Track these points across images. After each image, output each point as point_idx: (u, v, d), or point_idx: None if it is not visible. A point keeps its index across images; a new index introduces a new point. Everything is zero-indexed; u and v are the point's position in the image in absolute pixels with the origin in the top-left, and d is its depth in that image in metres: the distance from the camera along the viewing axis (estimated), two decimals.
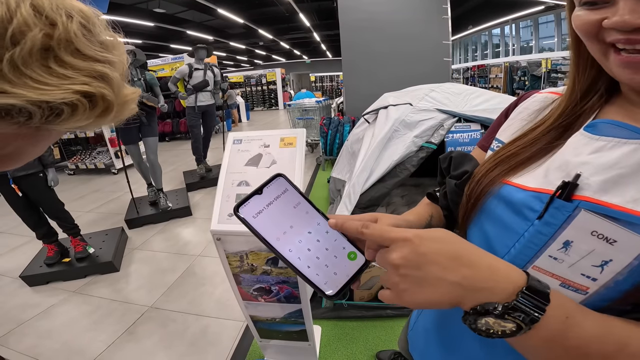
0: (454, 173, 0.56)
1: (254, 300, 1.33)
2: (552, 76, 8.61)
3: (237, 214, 0.41)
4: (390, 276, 0.36)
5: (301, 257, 0.42)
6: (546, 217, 0.38)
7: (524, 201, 0.42)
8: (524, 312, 0.32)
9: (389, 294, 0.37)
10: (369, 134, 2.18)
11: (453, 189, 0.54)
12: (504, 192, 0.45)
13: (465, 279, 0.34)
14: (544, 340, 0.33)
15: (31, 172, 2.40)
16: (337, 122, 4.77)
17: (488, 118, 1.90)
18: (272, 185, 0.43)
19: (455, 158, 0.58)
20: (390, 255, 0.36)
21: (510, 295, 0.33)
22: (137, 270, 2.78)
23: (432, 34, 4.49)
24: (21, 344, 2.01)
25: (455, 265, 0.34)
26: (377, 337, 1.87)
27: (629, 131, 0.37)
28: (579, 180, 0.37)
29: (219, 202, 1.09)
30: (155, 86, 3.62)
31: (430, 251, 0.35)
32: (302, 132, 1.11)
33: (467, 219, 0.52)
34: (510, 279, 0.34)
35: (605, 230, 0.34)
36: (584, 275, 0.36)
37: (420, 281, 0.35)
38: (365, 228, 0.39)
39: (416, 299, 0.35)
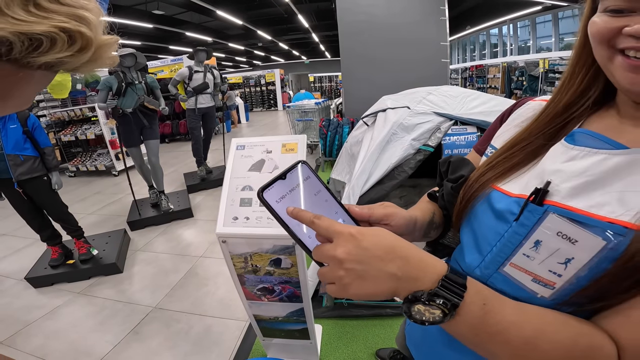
0: (451, 177, 0.60)
1: (258, 299, 1.38)
2: (549, 76, 8.64)
3: (262, 197, 0.41)
4: (334, 270, 0.39)
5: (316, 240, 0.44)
6: (521, 219, 0.43)
7: (506, 207, 0.47)
8: (445, 297, 0.36)
9: (334, 288, 0.39)
10: (367, 136, 2.22)
11: (449, 192, 0.59)
12: (492, 197, 0.50)
13: (400, 270, 0.37)
14: (468, 326, 0.37)
15: (35, 176, 2.44)
16: (336, 124, 4.81)
17: (484, 121, 1.94)
18: (295, 171, 0.44)
19: (454, 162, 0.62)
20: (335, 250, 0.39)
21: (434, 284, 0.37)
22: (141, 271, 2.82)
23: (430, 35, 4.51)
24: (28, 344, 2.05)
25: (392, 257, 0.38)
26: (377, 336, 1.91)
27: (601, 142, 0.42)
28: (549, 187, 0.42)
29: (224, 206, 1.13)
30: (156, 89, 3.66)
31: (371, 245, 0.38)
32: (303, 138, 1.15)
33: (460, 218, 0.57)
34: (436, 270, 0.38)
35: (569, 231, 0.39)
36: (551, 271, 0.40)
37: (363, 274, 0.38)
38: (316, 219, 0.41)
39: (359, 291, 0.38)
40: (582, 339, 0.37)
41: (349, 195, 1.90)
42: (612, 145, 0.41)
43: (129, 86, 3.37)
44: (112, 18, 3.09)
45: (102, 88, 3.37)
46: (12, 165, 2.33)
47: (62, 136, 6.12)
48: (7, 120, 2.34)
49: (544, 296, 0.42)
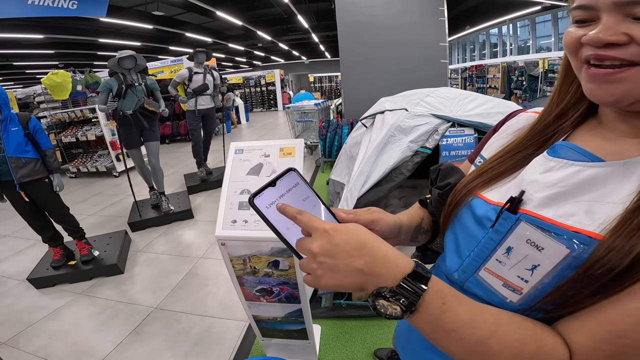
0: (439, 184, 0.63)
1: (257, 300, 1.40)
2: (549, 76, 8.63)
3: (253, 203, 0.44)
4: (310, 263, 0.42)
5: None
6: (496, 226, 0.46)
7: (485, 213, 0.49)
8: (404, 296, 0.38)
9: (309, 279, 0.43)
10: (366, 138, 2.24)
11: (436, 198, 0.61)
12: (474, 204, 0.52)
13: (366, 266, 0.40)
14: (426, 323, 0.39)
15: (37, 178, 2.46)
16: (335, 125, 4.82)
17: (481, 123, 1.96)
18: (284, 178, 0.47)
19: (443, 170, 0.64)
20: (311, 244, 0.42)
21: (396, 281, 0.39)
22: (142, 272, 2.84)
23: (429, 36, 4.52)
24: (31, 345, 2.07)
25: (360, 253, 0.40)
26: (375, 336, 1.92)
27: (578, 154, 0.44)
28: (524, 196, 0.44)
29: (223, 209, 1.16)
30: (156, 91, 3.67)
31: (342, 241, 0.41)
32: (300, 142, 1.18)
33: (446, 224, 0.59)
34: (399, 267, 0.40)
35: (537, 239, 0.41)
36: (519, 277, 0.42)
37: (333, 268, 0.41)
38: (298, 214, 0.44)
39: (330, 283, 0.41)
40: (533, 341, 0.38)
41: (347, 198, 1.92)
42: (588, 157, 0.43)
43: (129, 88, 3.39)
44: (111, 19, 3.11)
45: (102, 90, 3.39)
46: (14, 168, 2.35)
47: (63, 137, 6.14)
48: (8, 123, 2.36)
49: (512, 301, 0.43)
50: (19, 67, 15.01)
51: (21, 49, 11.41)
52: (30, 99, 7.60)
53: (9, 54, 12.12)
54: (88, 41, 11.38)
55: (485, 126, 1.97)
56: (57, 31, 9.83)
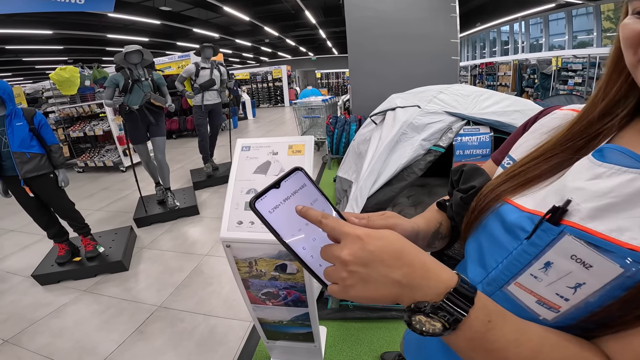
0: (461, 187, 0.57)
1: (262, 303, 1.35)
2: (562, 74, 8.47)
3: (254, 207, 0.40)
4: (338, 271, 0.38)
5: (314, 256, 0.42)
6: (533, 238, 0.40)
7: (518, 221, 0.43)
8: (448, 312, 0.34)
9: (336, 289, 0.38)
10: (376, 136, 2.17)
11: (458, 202, 0.55)
12: (503, 211, 0.46)
13: (404, 277, 0.35)
14: (467, 340, 0.35)
15: (42, 173, 2.44)
16: (343, 121, 4.76)
17: (497, 121, 1.88)
18: (290, 179, 0.42)
19: (466, 172, 0.59)
20: (341, 251, 0.37)
21: (439, 296, 0.35)
22: (146, 269, 2.82)
23: (439, 32, 4.43)
24: (34, 343, 2.05)
25: (398, 263, 0.36)
26: (382, 339, 1.87)
27: (632, 160, 0.37)
28: (569, 206, 0.38)
29: (228, 209, 1.10)
30: (163, 86, 3.64)
31: (377, 249, 0.36)
32: (310, 139, 1.11)
33: (468, 231, 0.53)
34: (441, 279, 0.36)
35: (584, 255, 0.36)
36: (558, 295, 0.38)
37: (367, 278, 0.36)
38: (324, 218, 0.39)
39: (361, 294, 0.37)
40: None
41: (356, 197, 1.86)
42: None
43: (135, 83, 3.36)
44: (119, 14, 3.07)
45: (108, 85, 3.37)
46: (19, 163, 2.33)
47: (71, 132, 6.17)
48: (13, 118, 2.33)
49: (546, 318, 0.40)
50: (28, 62, 15.16)
51: (30, 44, 11.50)
52: (38, 94, 7.64)
53: (18, 50, 12.24)
54: (96, 37, 11.44)
55: (502, 125, 1.89)
56: (66, 27, 9.88)
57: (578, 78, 8.25)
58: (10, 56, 13.07)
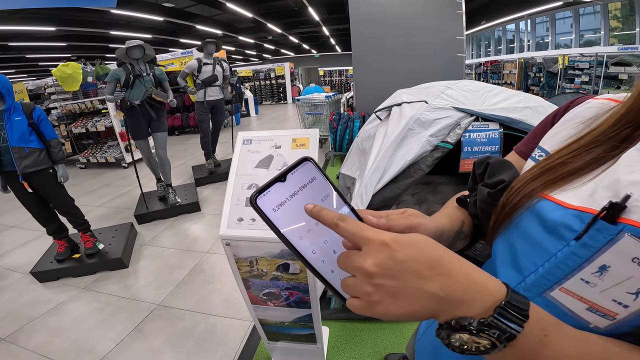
0: (488, 181, 0.51)
1: (263, 304, 1.30)
2: (569, 73, 8.38)
3: (255, 204, 0.34)
4: (361, 284, 0.32)
5: (325, 260, 0.36)
6: (585, 239, 0.35)
7: (562, 220, 0.38)
8: (500, 329, 0.29)
9: (358, 304, 0.33)
10: (381, 131, 2.11)
11: (485, 198, 0.49)
12: (541, 208, 0.41)
13: (442, 289, 0.30)
14: (518, 358, 0.31)
15: (41, 168, 2.40)
16: (346, 118, 4.70)
17: (508, 117, 1.82)
18: (297, 171, 0.36)
19: (493, 165, 0.53)
20: (364, 260, 0.32)
21: (487, 310, 0.30)
22: (146, 266, 2.78)
23: (445, 28, 4.36)
24: (30, 341, 2.02)
25: (433, 274, 0.31)
26: (386, 340, 1.83)
27: None
28: (627, 202, 0.33)
29: (228, 205, 1.05)
30: (164, 81, 3.60)
31: (409, 258, 0.31)
32: (315, 132, 1.06)
33: (496, 230, 0.48)
34: (489, 291, 0.31)
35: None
36: (616, 301, 0.33)
37: (396, 292, 0.31)
38: (341, 221, 0.33)
39: (390, 311, 0.32)
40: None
41: (361, 194, 1.81)
42: None
43: (137, 78, 3.32)
44: (122, 11, 3.02)
45: (110, 80, 3.33)
46: (17, 158, 2.29)
47: (73, 128, 6.16)
48: (12, 113, 2.29)
49: (598, 326, 0.36)
50: (32, 59, 15.19)
51: (34, 41, 11.51)
52: (41, 91, 7.63)
53: (22, 47, 12.26)
54: (100, 34, 11.44)
55: (513, 121, 1.82)
56: (69, 24, 9.88)
57: (585, 77, 8.15)
58: (13, 53, 13.11)
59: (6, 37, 10.51)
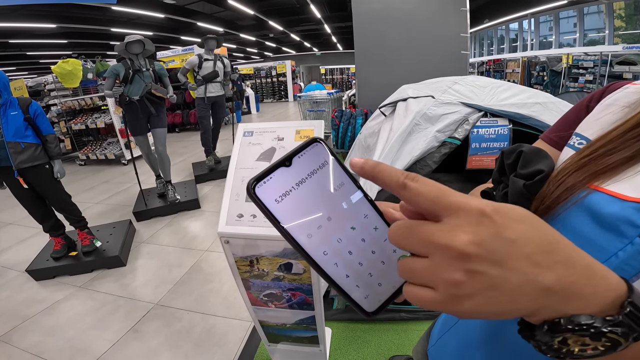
0: (522, 171, 0.45)
1: (264, 305, 1.24)
2: (573, 72, 8.33)
3: (253, 193, 0.27)
4: (444, 269, 0.23)
5: (339, 264, 0.29)
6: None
7: (621, 214, 0.32)
8: (630, 328, 0.24)
9: (432, 297, 0.24)
10: (386, 127, 2.05)
11: (521, 191, 0.43)
12: (592, 202, 0.35)
13: (558, 282, 0.23)
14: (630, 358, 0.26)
15: (37, 164, 2.35)
16: (349, 115, 4.64)
17: (517, 113, 1.76)
18: (306, 154, 0.29)
19: (527, 153, 0.46)
20: (453, 236, 0.23)
21: (609, 308, 0.24)
22: (144, 265, 2.72)
23: (449, 26, 4.30)
24: (25, 341, 1.97)
25: (550, 261, 0.23)
26: (390, 341, 1.78)
27: None
28: None
29: (227, 201, 0.99)
30: (164, 77, 3.55)
31: (521, 237, 0.23)
32: (320, 124, 1.00)
33: None
34: (611, 286, 0.24)
35: None
36: None
37: (499, 284, 0.23)
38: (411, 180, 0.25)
39: (482, 309, 0.24)
40: None
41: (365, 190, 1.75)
42: None
43: (136, 73, 3.27)
44: (124, 8, 2.95)
45: (109, 75, 3.29)
46: (13, 153, 2.24)
47: (73, 125, 6.11)
48: (7, 107, 2.25)
49: None
50: (32, 57, 15.15)
51: (34, 38, 11.46)
52: (41, 87, 7.59)
53: (22, 44, 12.21)
54: (101, 31, 11.39)
55: (523, 117, 1.76)
56: (70, 21, 9.83)
57: (589, 76, 8.09)
58: (14, 50, 13.06)
59: (7, 35, 10.47)
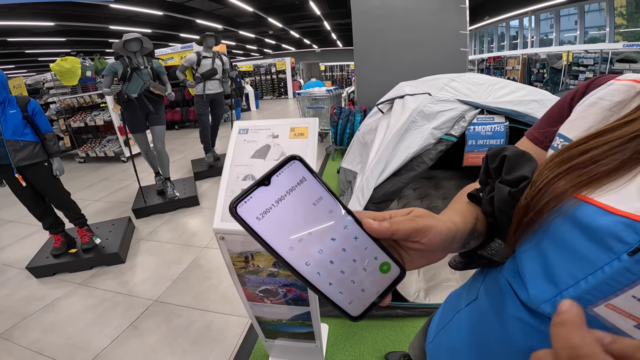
0: (507, 177, 0.44)
1: (260, 301, 1.25)
2: (573, 69, 8.32)
3: (235, 213, 0.30)
4: None
5: (321, 273, 0.32)
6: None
7: (610, 229, 0.32)
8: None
9: None
10: (383, 124, 2.06)
11: (505, 198, 0.43)
12: (581, 213, 0.35)
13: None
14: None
15: (36, 162, 2.36)
16: (348, 112, 4.65)
17: (514, 110, 1.76)
18: (284, 172, 0.32)
19: (511, 158, 0.46)
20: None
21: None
22: (143, 261, 2.74)
23: (449, 23, 4.29)
24: (25, 338, 1.98)
25: None
26: (386, 338, 1.79)
27: None
28: None
29: (223, 197, 1.00)
30: (163, 74, 3.54)
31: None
32: (315, 121, 1.01)
33: (521, 234, 0.41)
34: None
35: None
36: None
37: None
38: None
39: None
40: None
41: (362, 187, 1.75)
42: None
43: (134, 71, 3.27)
44: (122, 5, 2.95)
45: (107, 73, 3.28)
46: (12, 151, 2.25)
47: (72, 122, 6.11)
48: (6, 105, 2.25)
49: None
50: (31, 55, 15.12)
51: (33, 36, 11.43)
52: (39, 85, 7.59)
53: (21, 42, 12.18)
54: (99, 28, 11.37)
55: (519, 114, 1.77)
56: (68, 19, 9.80)
57: (589, 73, 8.09)
58: (12, 48, 13.03)
59: (5, 33, 10.44)
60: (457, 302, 0.60)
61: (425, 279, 2.13)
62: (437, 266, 2.21)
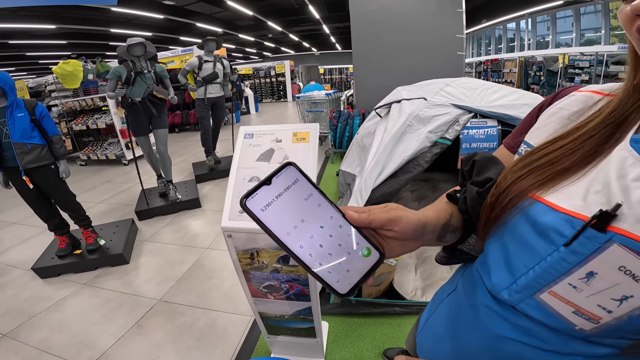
0: (476, 179, 0.50)
1: (264, 297, 1.31)
2: (569, 72, 8.39)
3: (245, 205, 0.38)
4: None
5: (312, 254, 0.40)
6: (574, 245, 0.35)
7: (553, 224, 0.38)
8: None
9: None
10: (381, 128, 2.13)
11: (474, 197, 0.49)
12: (533, 210, 0.40)
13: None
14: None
15: (43, 164, 2.42)
16: (346, 115, 4.71)
17: (506, 114, 1.83)
18: (281, 175, 0.40)
19: (480, 162, 0.52)
20: None
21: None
22: (147, 262, 2.79)
23: (445, 27, 4.37)
24: (32, 337, 2.03)
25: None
26: (385, 335, 1.84)
27: None
28: (618, 211, 0.33)
29: (230, 198, 1.06)
30: (165, 78, 3.61)
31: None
32: (315, 127, 1.07)
33: (488, 229, 0.48)
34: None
35: (634, 267, 0.31)
36: (600, 306, 0.34)
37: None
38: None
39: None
40: None
41: (360, 189, 1.82)
42: None
43: (138, 75, 3.33)
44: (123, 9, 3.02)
45: (111, 77, 3.35)
46: (19, 154, 2.31)
47: (74, 125, 6.16)
48: (14, 109, 2.31)
49: (583, 329, 0.36)
50: (32, 57, 15.17)
51: (34, 39, 11.49)
52: (41, 88, 7.64)
53: (22, 45, 12.23)
54: (100, 31, 11.42)
55: (511, 118, 1.84)
56: (69, 22, 9.86)
57: (585, 75, 8.16)
58: (14, 51, 13.08)
59: (6, 35, 10.49)
60: (442, 293, 0.66)
61: (422, 278, 2.19)
62: (434, 266, 2.27)
